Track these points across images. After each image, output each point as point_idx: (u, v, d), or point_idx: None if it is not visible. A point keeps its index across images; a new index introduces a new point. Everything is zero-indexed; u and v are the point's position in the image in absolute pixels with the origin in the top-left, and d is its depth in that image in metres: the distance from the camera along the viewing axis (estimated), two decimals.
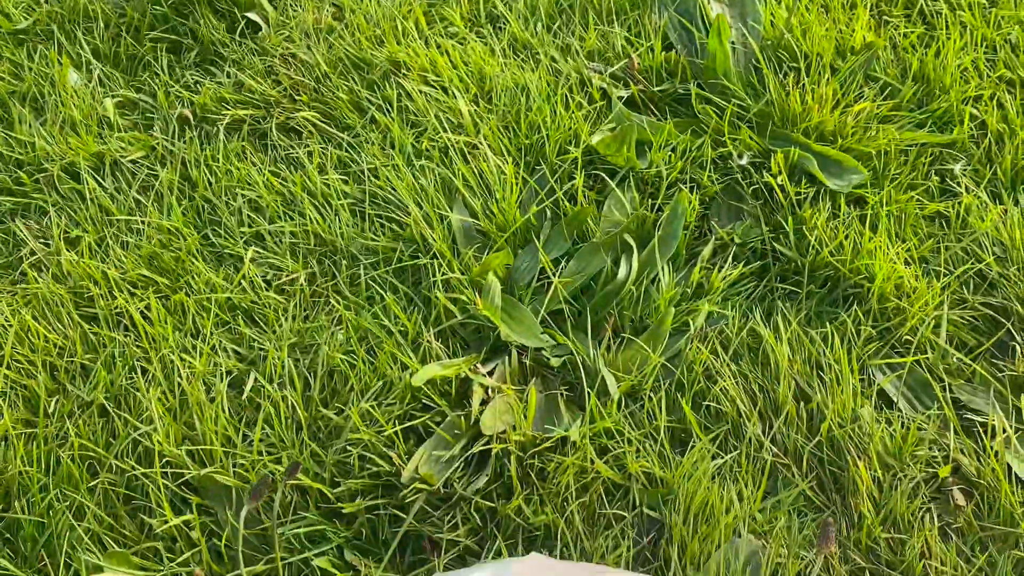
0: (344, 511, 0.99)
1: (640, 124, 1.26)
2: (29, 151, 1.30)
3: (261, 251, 1.19)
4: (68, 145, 1.30)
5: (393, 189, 1.22)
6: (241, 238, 1.21)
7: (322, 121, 1.33)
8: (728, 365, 1.09)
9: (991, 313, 1.13)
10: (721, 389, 1.07)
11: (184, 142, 1.31)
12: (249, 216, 1.22)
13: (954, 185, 1.23)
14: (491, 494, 1.00)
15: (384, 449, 1.01)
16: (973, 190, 1.22)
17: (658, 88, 1.33)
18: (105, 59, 1.41)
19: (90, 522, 0.97)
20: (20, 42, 1.44)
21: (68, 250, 1.19)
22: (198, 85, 1.38)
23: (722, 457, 1.02)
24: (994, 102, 1.29)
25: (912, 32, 1.37)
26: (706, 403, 1.06)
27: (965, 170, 1.24)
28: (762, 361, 1.10)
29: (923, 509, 1.00)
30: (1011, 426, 1.05)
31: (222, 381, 1.07)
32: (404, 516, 0.98)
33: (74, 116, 1.31)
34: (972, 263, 1.16)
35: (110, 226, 1.21)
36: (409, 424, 1.03)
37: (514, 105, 1.29)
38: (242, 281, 1.16)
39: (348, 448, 1.02)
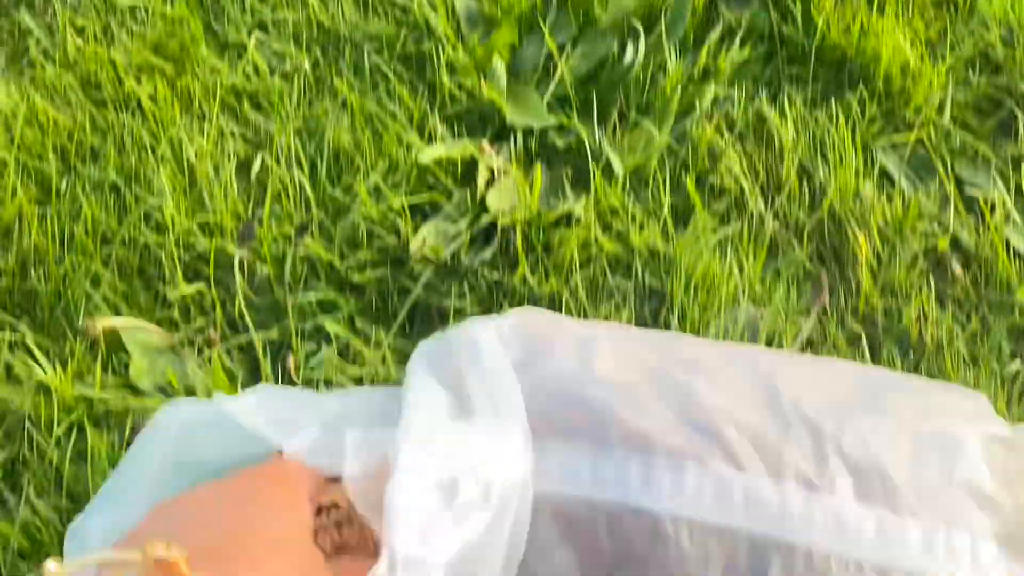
0: (354, 282, 1.00)
1: None
2: None
3: (264, 39, 1.17)
4: None
5: None
6: (244, 26, 1.18)
7: None
8: (733, 145, 1.08)
9: (995, 94, 1.12)
10: (725, 167, 1.06)
11: None
12: (252, 5, 1.20)
13: None
14: (497, 267, 1.01)
15: (392, 224, 1.02)
16: None
17: None
18: None
19: (105, 291, 0.98)
20: None
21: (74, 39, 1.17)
22: None
23: (724, 230, 1.03)
24: None
25: None
26: (710, 181, 1.06)
27: None
28: (767, 141, 1.09)
29: (921, 279, 1.01)
30: (1010, 201, 1.04)
31: (230, 161, 1.07)
32: (412, 287, 0.99)
33: None
34: (977, 45, 1.13)
35: (115, 14, 1.19)
36: (416, 200, 1.03)
37: None
38: (246, 68, 1.15)
39: (357, 223, 1.02)
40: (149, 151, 1.07)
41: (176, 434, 0.67)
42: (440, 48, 1.13)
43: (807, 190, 1.05)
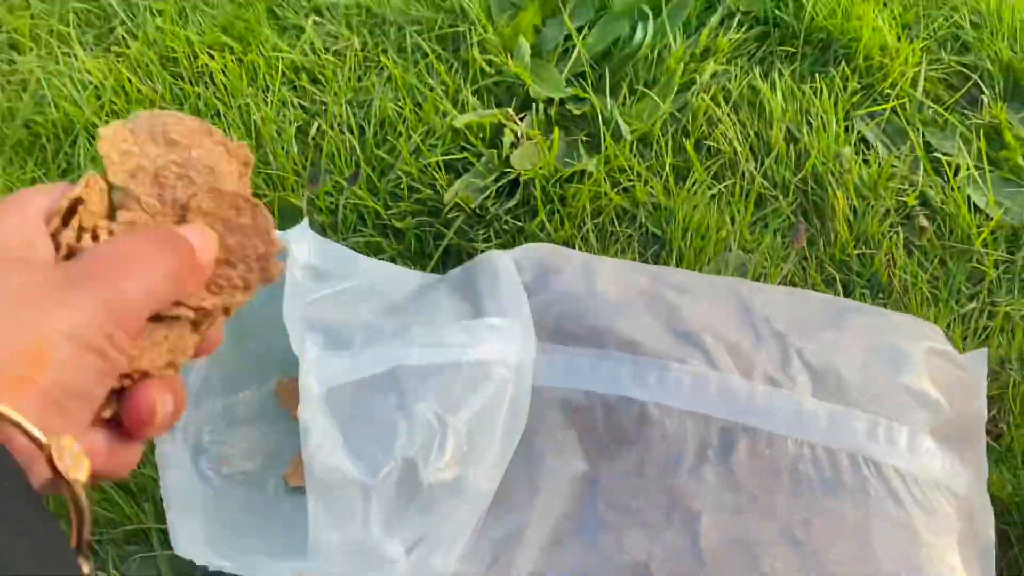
0: (396, 228, 1.14)
1: None
2: None
3: (320, 21, 1.32)
4: None
5: None
6: (301, 11, 1.33)
7: None
8: (728, 114, 1.21)
9: (963, 71, 1.24)
10: (721, 133, 1.19)
11: None
12: None
13: None
14: (519, 216, 1.15)
15: (430, 179, 1.16)
16: None
17: None
18: None
19: None
20: None
21: (153, 20, 1.32)
22: None
23: (718, 186, 1.16)
24: None
25: None
26: (707, 144, 1.19)
27: None
28: (758, 111, 1.22)
29: (891, 231, 1.13)
30: (972, 164, 1.17)
31: (290, 126, 1.21)
32: (446, 232, 1.13)
33: None
34: (948, 27, 1.26)
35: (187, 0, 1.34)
36: (450, 159, 1.18)
37: None
38: (304, 46, 1.29)
39: (399, 177, 1.16)
40: (221, 117, 1.22)
41: None
42: (472, 29, 1.27)
43: (792, 153, 1.18)
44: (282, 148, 1.18)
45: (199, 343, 0.42)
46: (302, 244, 0.81)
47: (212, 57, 1.28)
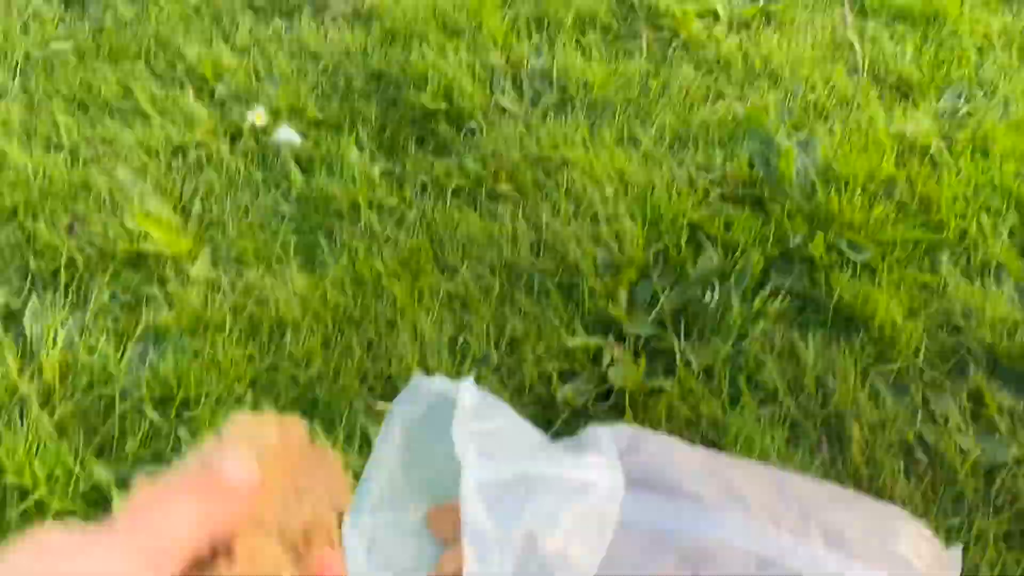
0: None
1: (725, 210, 1.75)
2: (324, 192, 1.85)
3: (471, 264, 1.70)
4: (348, 192, 1.84)
5: (558, 234, 1.73)
6: (456, 255, 1.72)
7: (514, 192, 1.85)
8: (772, 360, 1.53)
9: (955, 347, 1.56)
10: (767, 373, 1.51)
11: (426, 199, 1.84)
12: (465, 244, 1.73)
13: (940, 267, 1.67)
14: (612, 417, 1.46)
15: (548, 381, 1.48)
16: (952, 271, 1.66)
17: (744, 191, 1.82)
18: (373, 142, 1.97)
19: None
20: (318, 127, 2.01)
21: None
22: (434, 164, 1.92)
23: (761, 411, 1.46)
24: (974, 218, 1.74)
25: (922, 170, 1.84)
26: (756, 379, 1.51)
27: (950, 258, 1.69)
28: (795, 360, 1.54)
29: (894, 459, 1.41)
30: (960, 417, 1.46)
31: (444, 334, 1.56)
32: (556, 421, 1.44)
33: (356, 176, 1.86)
34: (945, 315, 1.59)
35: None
36: (563, 368, 1.50)
37: (644, 191, 1.79)
38: (457, 281, 1.66)
39: (523, 377, 1.49)
40: (393, 328, 1.57)
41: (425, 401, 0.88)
42: (584, 280, 1.64)
43: (820, 394, 1.49)
44: (437, 351, 1.52)
45: None
46: (469, 390, 1.11)
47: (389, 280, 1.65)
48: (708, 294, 1.62)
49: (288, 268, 1.70)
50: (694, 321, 1.60)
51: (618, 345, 1.54)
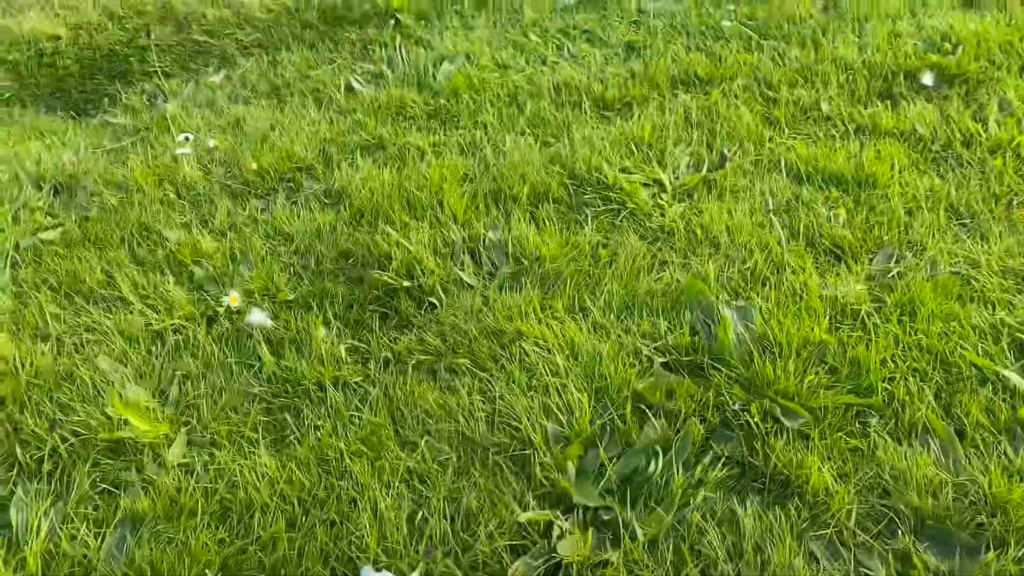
0: None
1: (668, 380, 1.87)
2: (293, 372, 1.97)
3: (431, 442, 1.81)
4: (314, 371, 1.96)
5: (512, 408, 1.84)
6: (416, 433, 1.82)
7: (471, 366, 1.97)
8: (714, 527, 1.63)
9: (883, 509, 1.66)
10: (707, 541, 1.60)
11: (388, 374, 1.96)
12: (424, 419, 1.84)
13: (869, 430, 1.78)
14: None
15: (498, 557, 1.57)
16: (881, 434, 1.77)
17: (686, 358, 1.94)
18: (340, 320, 2.10)
19: None
20: (289, 308, 2.15)
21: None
22: (396, 339, 2.05)
23: None
24: (903, 382, 1.86)
25: (853, 334, 1.97)
26: (698, 548, 1.60)
27: (879, 421, 1.80)
28: (736, 528, 1.63)
29: None
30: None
31: (403, 511, 1.66)
32: None
33: (323, 355, 1.99)
34: (874, 480, 1.69)
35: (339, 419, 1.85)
36: (514, 543, 1.59)
37: (592, 362, 1.92)
38: (418, 456, 1.77)
39: (476, 554, 1.58)
40: (357, 504, 1.67)
41: None
42: (537, 452, 1.74)
43: (759, 560, 1.58)
44: (396, 528, 1.61)
45: None
46: None
47: (352, 460, 1.75)
48: (652, 463, 1.72)
49: (258, 448, 1.80)
50: (639, 490, 1.69)
51: (564, 517, 1.64)
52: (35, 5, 3.76)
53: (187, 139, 2.71)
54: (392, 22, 3.31)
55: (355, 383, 1.95)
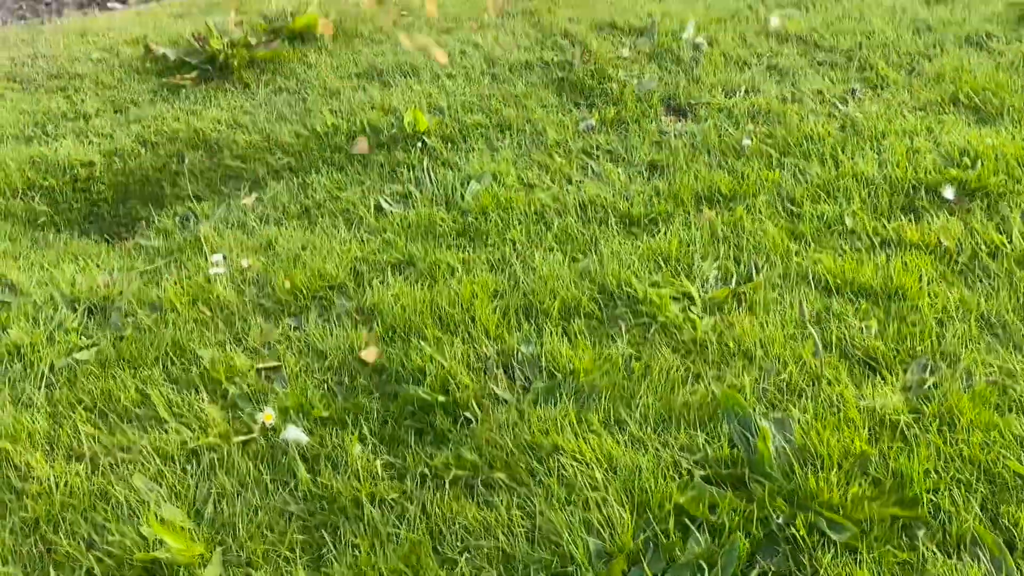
0: None
1: (710, 492, 1.85)
2: (329, 489, 1.95)
3: (463, 562, 1.78)
4: (351, 488, 1.95)
5: (552, 523, 1.82)
6: (461, 555, 1.80)
7: (508, 481, 1.95)
8: None
9: None
10: None
11: (425, 490, 1.95)
12: (463, 535, 1.82)
13: (917, 543, 1.75)
14: None
15: None
16: (929, 547, 1.73)
17: (725, 471, 1.93)
18: (376, 436, 2.10)
19: None
20: (324, 424, 2.15)
21: None
22: (432, 455, 2.04)
23: None
24: (948, 493, 1.83)
25: (894, 445, 1.95)
26: None
27: (926, 534, 1.77)
28: None
29: None
30: None
31: None
32: None
33: (359, 471, 1.98)
34: None
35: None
36: None
37: (631, 475, 1.90)
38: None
39: None
40: None
41: None
42: (579, 570, 1.71)
43: None
44: None
45: None
46: None
47: None
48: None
49: (295, 568, 1.78)
50: None
51: None
52: (70, 133, 3.88)
53: (221, 259, 2.77)
54: (419, 144, 3.40)
55: (392, 499, 1.93)
